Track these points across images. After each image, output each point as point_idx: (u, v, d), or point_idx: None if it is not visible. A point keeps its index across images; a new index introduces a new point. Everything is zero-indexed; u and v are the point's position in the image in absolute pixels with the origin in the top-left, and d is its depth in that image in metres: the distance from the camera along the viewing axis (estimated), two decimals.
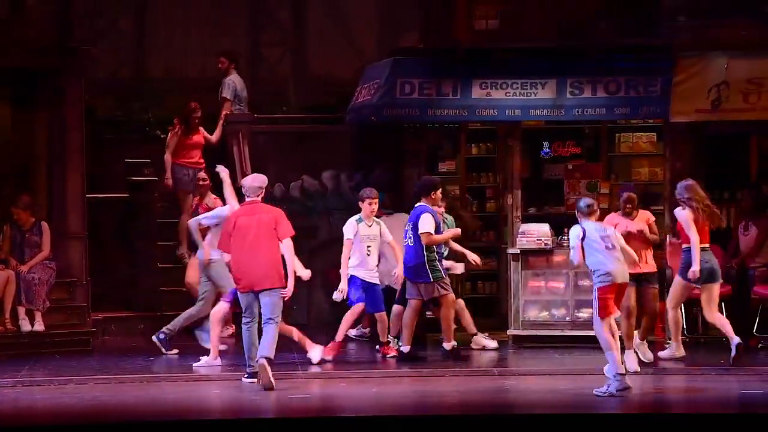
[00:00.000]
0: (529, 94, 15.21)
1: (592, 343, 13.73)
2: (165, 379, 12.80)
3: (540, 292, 14.61)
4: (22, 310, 14.27)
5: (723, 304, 14.56)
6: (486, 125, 15.97)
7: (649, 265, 13.36)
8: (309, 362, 13.49)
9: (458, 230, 14.11)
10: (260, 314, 12.44)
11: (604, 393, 11.85)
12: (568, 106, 15.17)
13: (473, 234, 15.75)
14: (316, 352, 13.48)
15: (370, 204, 13.77)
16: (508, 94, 15.22)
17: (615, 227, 12.67)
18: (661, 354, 13.47)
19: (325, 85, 18.45)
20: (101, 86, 17.80)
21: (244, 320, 12.51)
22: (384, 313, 13.83)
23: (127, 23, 19.56)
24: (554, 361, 13.68)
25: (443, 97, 15.28)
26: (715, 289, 13.26)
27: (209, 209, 14.42)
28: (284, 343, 15.00)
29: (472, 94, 15.25)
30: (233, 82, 16.66)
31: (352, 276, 13.68)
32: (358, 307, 13.73)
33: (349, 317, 13.76)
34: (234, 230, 12.45)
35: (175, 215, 16.17)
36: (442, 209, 14.17)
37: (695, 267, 13.11)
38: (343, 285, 13.62)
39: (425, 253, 13.64)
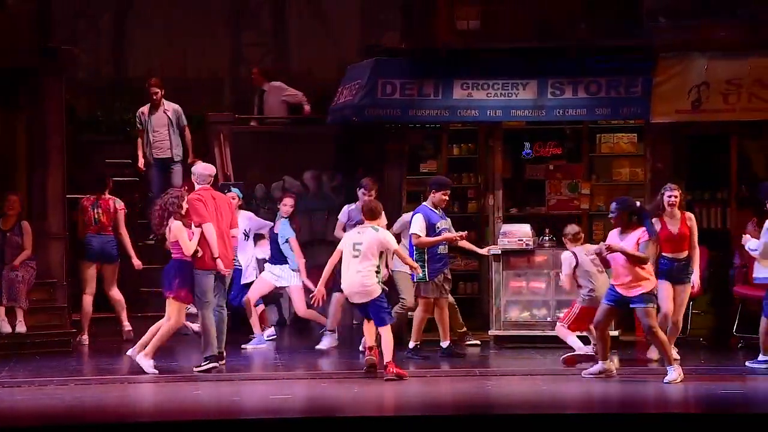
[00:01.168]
0: (510, 95, 15.24)
1: None
2: (146, 381, 12.77)
3: (521, 293, 14.62)
4: (1, 311, 14.21)
5: (691, 304, 14.60)
6: (467, 126, 15.99)
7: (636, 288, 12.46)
8: (291, 363, 13.60)
9: (453, 235, 13.76)
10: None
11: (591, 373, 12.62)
12: (549, 107, 15.22)
13: None
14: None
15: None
16: (489, 95, 15.25)
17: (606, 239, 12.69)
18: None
19: (306, 85, 18.46)
20: (82, 86, 17.77)
21: (206, 304, 12.84)
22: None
23: (107, 23, 19.52)
24: (535, 361, 13.70)
25: (425, 97, 15.30)
26: None
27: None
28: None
29: (454, 95, 15.28)
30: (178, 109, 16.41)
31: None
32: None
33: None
34: (209, 211, 12.98)
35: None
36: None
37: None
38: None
39: (415, 254, 13.65)
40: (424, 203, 13.91)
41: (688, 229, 13.19)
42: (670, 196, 13.23)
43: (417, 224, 13.61)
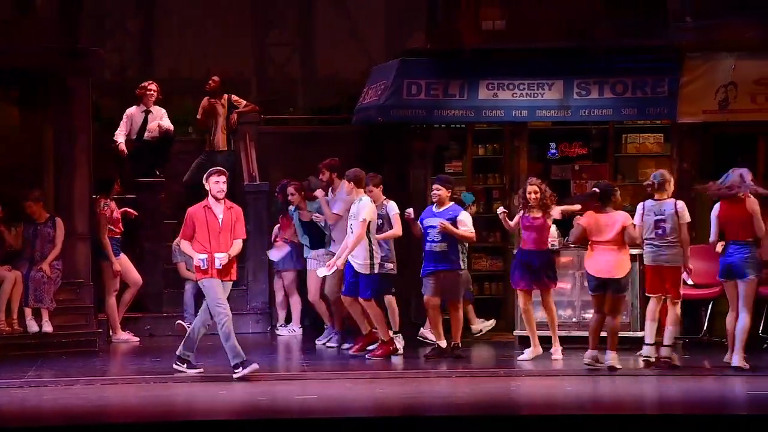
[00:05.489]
0: (536, 95, 15.22)
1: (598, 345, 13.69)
2: (171, 380, 12.81)
3: None
4: (28, 311, 14.28)
5: (712, 304, 14.47)
6: (493, 126, 15.97)
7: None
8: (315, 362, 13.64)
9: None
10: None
11: None
12: (575, 107, 15.19)
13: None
14: None
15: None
16: (514, 95, 15.23)
17: None
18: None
19: (332, 85, 18.47)
20: (107, 87, 17.83)
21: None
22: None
23: (133, 24, 19.60)
24: (560, 361, 13.66)
25: (450, 98, 15.29)
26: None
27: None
28: (290, 344, 15.06)
29: (479, 95, 15.27)
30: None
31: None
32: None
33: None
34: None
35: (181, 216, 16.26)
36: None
37: None
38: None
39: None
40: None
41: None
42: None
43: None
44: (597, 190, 13.22)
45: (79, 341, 14.40)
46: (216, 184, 12.71)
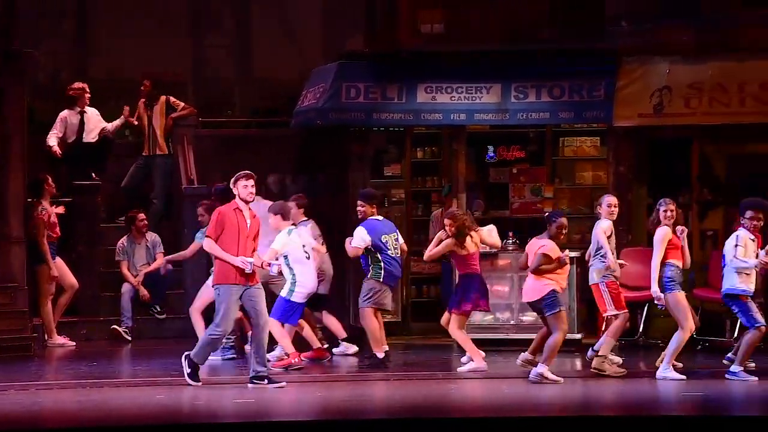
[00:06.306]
0: (474, 99, 15.29)
1: None
2: (108, 384, 12.70)
3: None
4: None
5: (647, 306, 14.60)
6: (431, 129, 16.03)
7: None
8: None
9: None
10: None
11: None
12: (512, 111, 15.28)
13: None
14: None
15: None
16: (453, 98, 15.29)
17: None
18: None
19: (270, 87, 18.42)
20: (42, 89, 17.64)
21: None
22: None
23: (68, 25, 19.40)
24: (498, 365, 13.72)
25: (388, 101, 15.32)
26: None
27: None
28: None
29: (418, 98, 15.31)
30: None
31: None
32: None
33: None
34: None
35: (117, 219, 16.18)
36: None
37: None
38: None
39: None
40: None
41: None
42: (666, 210, 13.00)
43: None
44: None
45: (13, 346, 14.23)
46: (245, 188, 12.26)
